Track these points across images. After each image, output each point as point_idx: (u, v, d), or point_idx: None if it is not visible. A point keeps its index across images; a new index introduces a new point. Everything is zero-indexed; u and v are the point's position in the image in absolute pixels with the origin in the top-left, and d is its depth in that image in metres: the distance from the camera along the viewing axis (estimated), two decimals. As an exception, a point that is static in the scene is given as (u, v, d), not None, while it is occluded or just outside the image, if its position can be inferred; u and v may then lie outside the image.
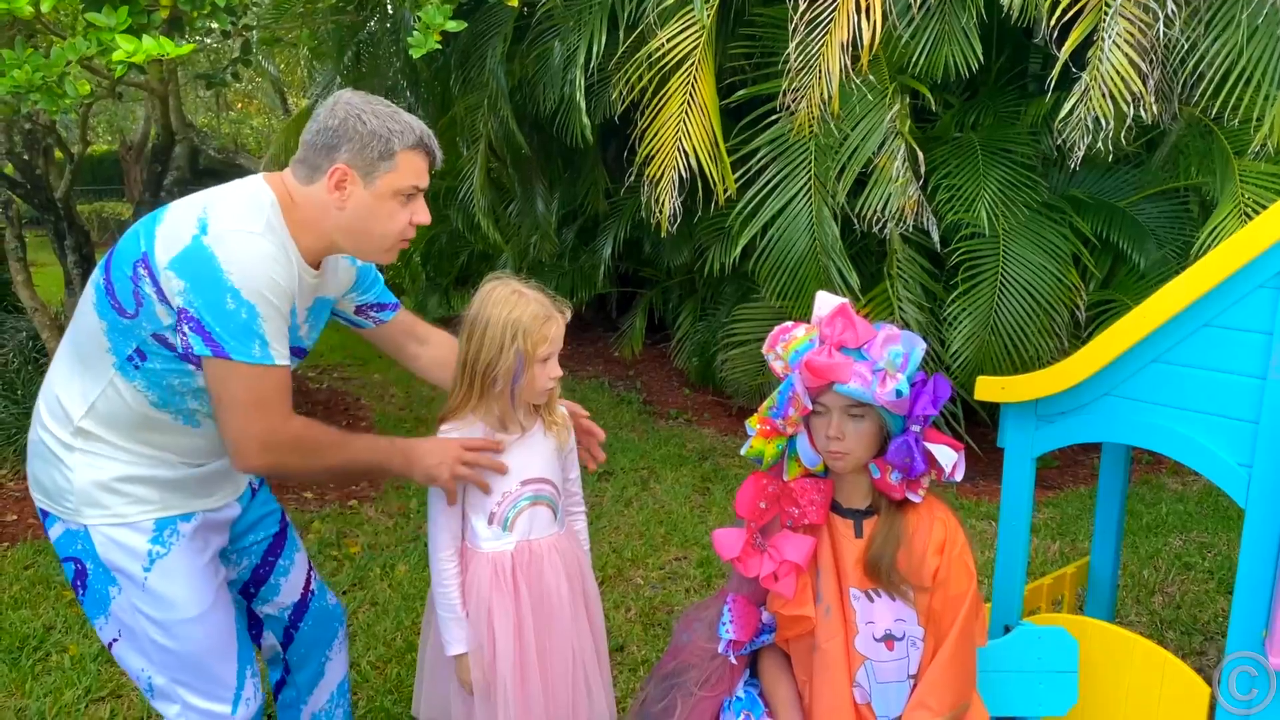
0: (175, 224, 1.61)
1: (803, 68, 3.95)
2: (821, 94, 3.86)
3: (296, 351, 1.80)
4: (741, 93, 4.77)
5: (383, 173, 1.68)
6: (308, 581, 2.10)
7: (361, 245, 1.75)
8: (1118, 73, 3.68)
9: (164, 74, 4.43)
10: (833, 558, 1.85)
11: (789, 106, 4.10)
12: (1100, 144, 3.77)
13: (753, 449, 1.83)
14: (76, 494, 1.69)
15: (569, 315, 1.96)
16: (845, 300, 1.85)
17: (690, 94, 4.15)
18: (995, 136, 4.78)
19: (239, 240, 1.58)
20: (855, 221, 4.40)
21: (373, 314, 2.08)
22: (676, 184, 4.15)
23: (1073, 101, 3.76)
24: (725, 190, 4.35)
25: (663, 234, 4.29)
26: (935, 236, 4.32)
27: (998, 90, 5.10)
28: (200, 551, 1.79)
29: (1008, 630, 2.21)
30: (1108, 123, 3.73)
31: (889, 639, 1.80)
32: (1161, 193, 4.99)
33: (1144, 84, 3.71)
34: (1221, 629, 3.40)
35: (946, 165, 4.67)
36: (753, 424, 1.84)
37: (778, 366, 1.82)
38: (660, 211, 4.20)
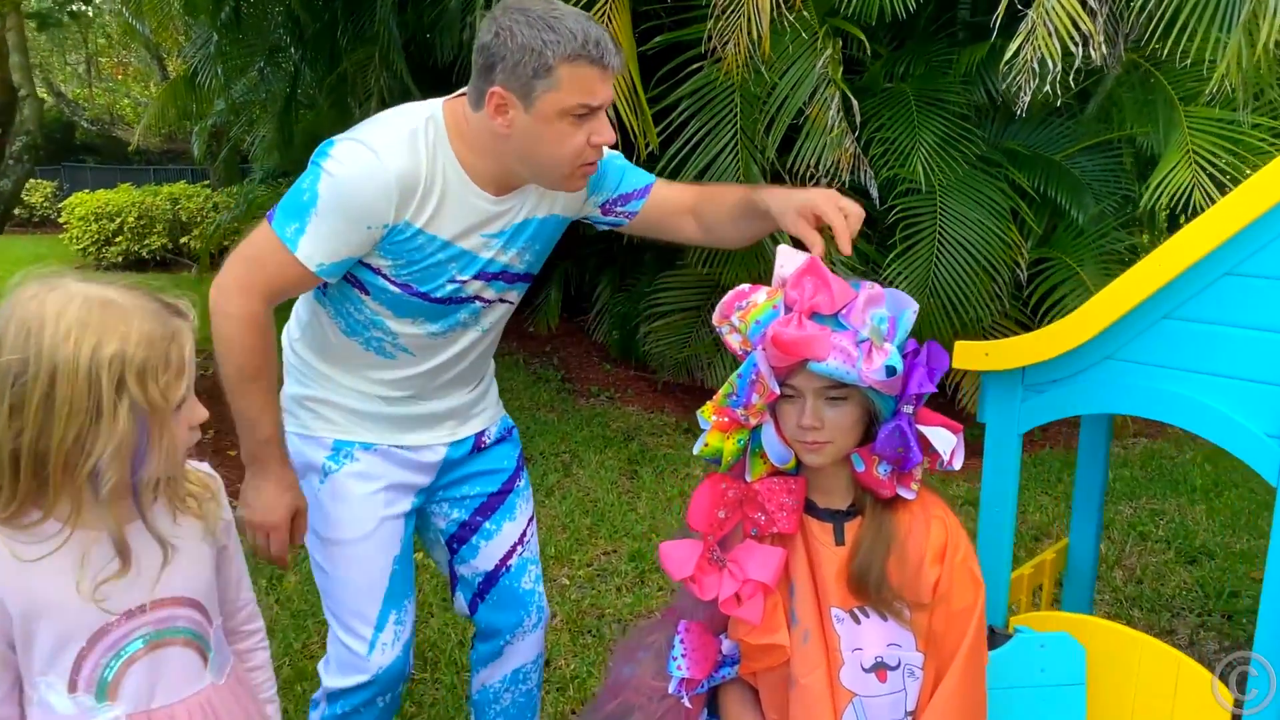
0: None
1: (730, 6, 3.57)
2: (751, 35, 3.49)
3: (504, 275, 1.68)
4: (660, 39, 4.37)
5: (541, 91, 1.47)
6: (509, 554, 1.92)
7: (538, 173, 1.58)
8: (1064, 9, 3.41)
9: (-6, 18, 3.81)
10: (809, 571, 1.49)
11: (714, 51, 3.72)
12: (1048, 89, 3.50)
13: (708, 447, 1.44)
14: (284, 400, 1.76)
15: (194, 316, 1.23)
16: (813, 254, 1.49)
17: (605, 37, 3.73)
18: (928, 87, 4.51)
19: (351, 149, 1.52)
20: (786, 178, 4.06)
21: (619, 209, 1.78)
22: (593, 138, 3.75)
23: (1018, 42, 3.48)
24: (647, 144, 3.96)
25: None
26: (873, 191, 4.02)
27: (927, 38, 4.82)
28: (373, 479, 1.74)
29: (994, 635, 1.90)
30: (1055, 65, 3.46)
31: (880, 668, 1.46)
32: (1095, 145, 4.80)
33: (1092, 21, 3.44)
34: (1187, 603, 3.21)
35: (879, 118, 4.38)
36: (706, 415, 1.45)
37: (734, 341, 1.43)
38: (575, 169, 3.79)
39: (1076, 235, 4.59)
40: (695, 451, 1.47)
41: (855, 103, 3.88)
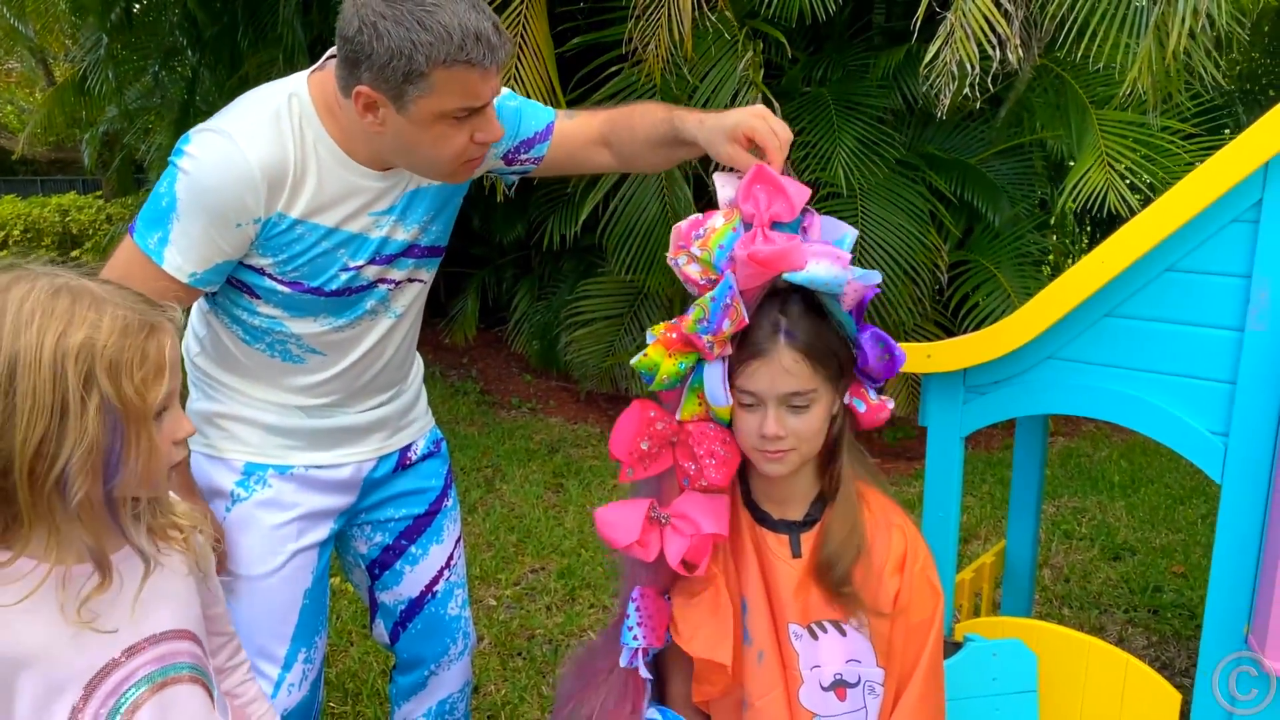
0: None
1: (651, 6, 3.50)
2: (673, 35, 3.42)
3: (410, 252, 1.52)
4: (577, 40, 4.28)
5: (414, 97, 1.31)
6: (435, 580, 1.78)
7: (418, 168, 1.45)
8: (981, 12, 3.43)
9: None
10: (763, 586, 1.40)
11: (634, 53, 3.64)
12: (968, 90, 3.52)
13: (646, 359, 1.30)
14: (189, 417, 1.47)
15: (179, 315, 1.11)
16: (757, 161, 1.36)
17: (521, 36, 3.62)
18: (846, 91, 4.51)
19: (207, 141, 1.36)
20: (709, 180, 4.00)
21: (523, 157, 1.63)
22: (511, 141, 3.63)
23: (938, 45, 3.49)
24: (566, 149, 3.86)
25: (498, 199, 3.75)
26: (798, 195, 3.99)
27: (844, 43, 4.84)
28: (285, 508, 1.58)
29: (952, 646, 1.85)
30: (973, 68, 3.47)
31: (840, 686, 1.38)
32: (1008, 149, 4.88)
33: (1008, 25, 3.47)
34: (1113, 600, 3.24)
35: (798, 121, 4.36)
36: (655, 331, 1.32)
37: (693, 272, 1.29)
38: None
39: (993, 238, 4.65)
40: (633, 363, 1.34)
41: (777, 105, 3.84)
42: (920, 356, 1.87)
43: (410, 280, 1.55)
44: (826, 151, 4.24)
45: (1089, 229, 6.08)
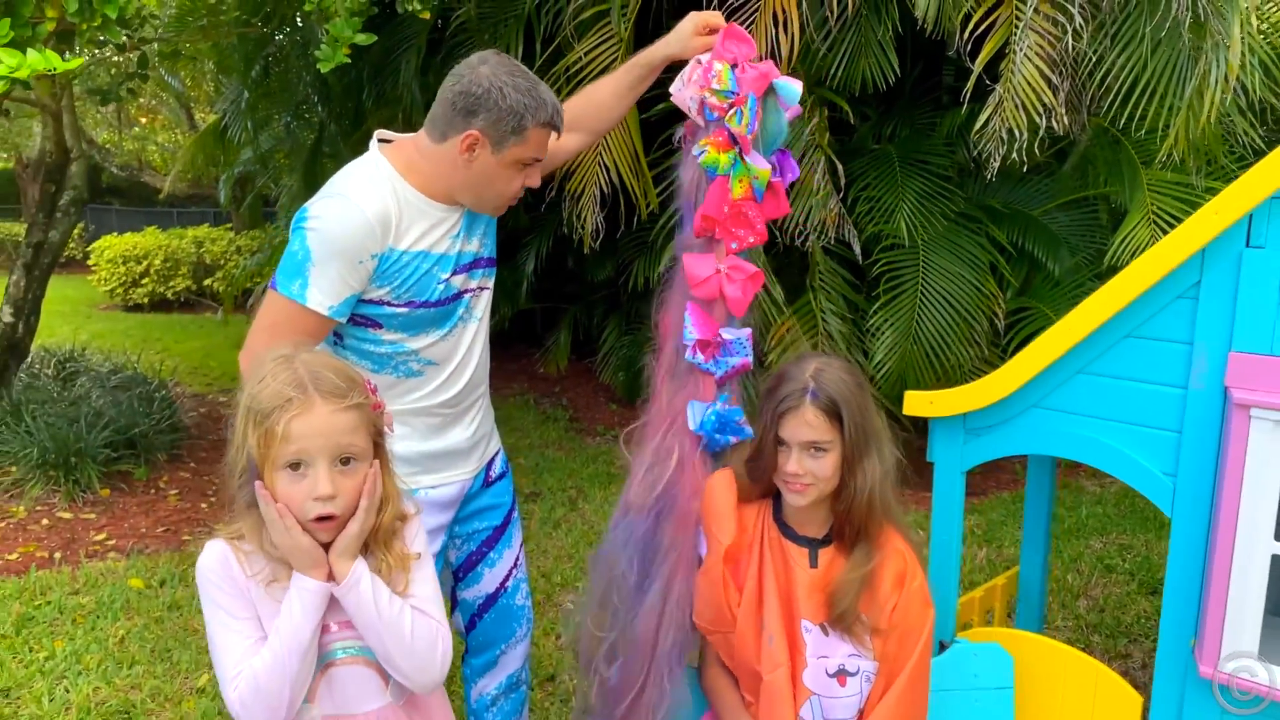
0: None
1: (722, 81, 3.92)
2: (741, 107, 3.83)
3: (478, 264, 1.97)
4: (661, 106, 4.73)
5: (511, 144, 1.81)
6: (507, 577, 2.18)
7: (477, 200, 1.89)
8: (1029, 84, 3.74)
9: (55, 89, 4.20)
10: (781, 585, 1.79)
11: (709, 120, 4.07)
12: (1015, 154, 3.82)
13: (708, 156, 1.85)
14: None
15: (356, 400, 1.40)
16: (713, 13, 1.99)
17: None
18: (912, 148, 4.84)
19: (326, 205, 1.75)
20: (777, 234, 4.39)
21: None
22: (598, 199, 4.09)
23: (987, 114, 3.81)
24: (648, 205, 4.30)
25: (585, 250, 4.22)
26: (856, 249, 4.34)
27: (913, 102, 5.17)
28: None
29: (944, 647, 2.18)
30: (1021, 133, 3.78)
31: (842, 674, 1.76)
32: (1072, 201, 5.10)
33: (1055, 95, 3.77)
34: (1144, 630, 3.46)
35: (865, 177, 4.70)
36: (704, 144, 1.87)
37: (714, 101, 1.83)
38: (583, 227, 4.13)
39: (1053, 286, 4.88)
40: (699, 159, 1.87)
41: (840, 166, 4.21)
42: (924, 402, 2.23)
43: (481, 288, 1.98)
44: (890, 205, 4.57)
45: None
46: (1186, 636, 1.98)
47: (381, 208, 1.78)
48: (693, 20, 1.99)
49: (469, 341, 1.98)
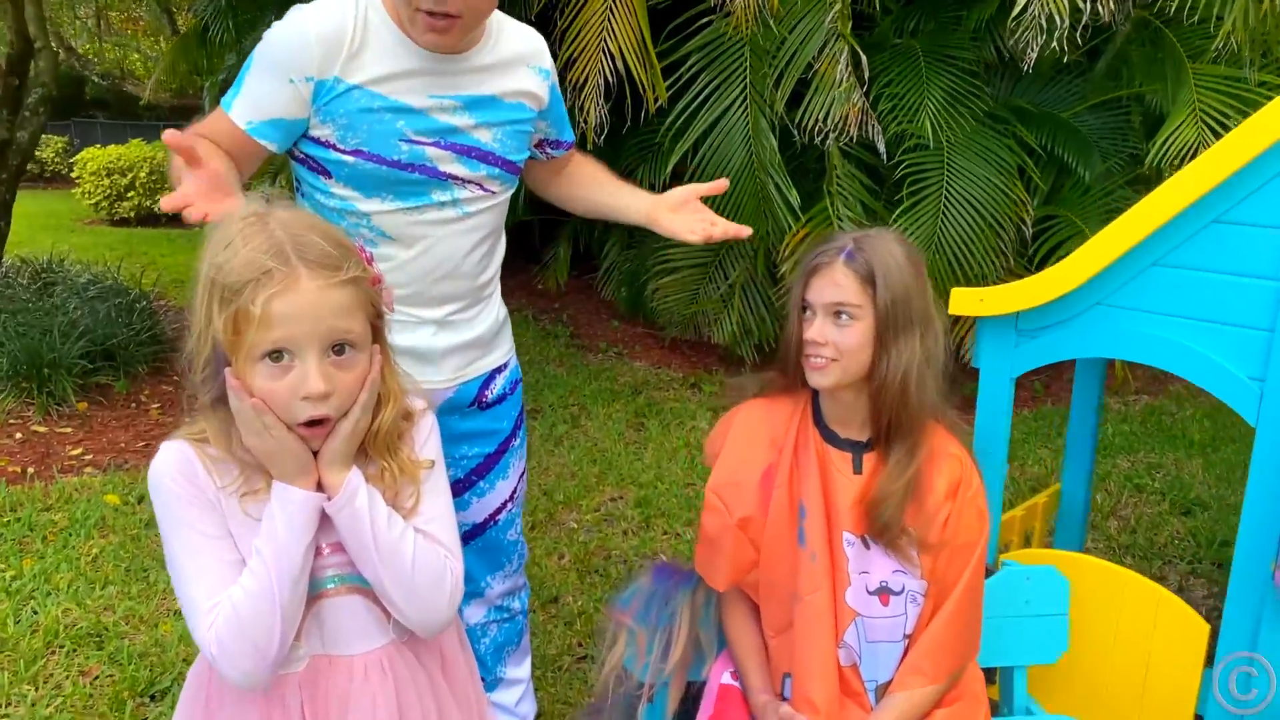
0: None
1: (739, -41, 3.59)
2: (760, -12, 3.51)
3: (477, 153, 1.68)
4: (669, -8, 4.39)
5: None
6: (498, 511, 1.96)
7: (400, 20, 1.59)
8: (1074, -35, 3.42)
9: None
10: (823, 496, 1.57)
11: (724, 4, 3.74)
12: (1055, 45, 3.52)
13: None
14: None
15: (351, 272, 1.13)
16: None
17: (614, -10, 3.76)
18: (937, 43, 4.51)
19: (290, 12, 1.56)
20: (795, 133, 4.10)
21: (549, 150, 1.91)
22: (603, 89, 3.78)
23: (1026, -2, 3.49)
24: (656, 99, 4.00)
25: (589, 146, 3.92)
26: (881, 146, 4.05)
27: (938, -6, 4.81)
28: None
29: (989, 571, 1.98)
30: (1062, 20, 3.47)
31: (884, 592, 1.54)
32: (1103, 103, 4.80)
33: (1102, -23, 3.45)
34: (1178, 552, 3.29)
35: (888, 73, 4.39)
36: None
37: None
38: (586, 121, 3.83)
39: (1083, 193, 4.61)
40: None
41: (864, 58, 3.90)
42: (973, 300, 1.99)
43: (481, 187, 1.69)
44: (914, 103, 4.27)
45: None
46: (1266, 557, 1.78)
47: (332, 27, 1.53)
48: (682, 193, 1.80)
49: (448, 233, 1.70)
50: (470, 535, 1.97)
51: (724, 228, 1.74)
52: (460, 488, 1.92)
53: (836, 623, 1.52)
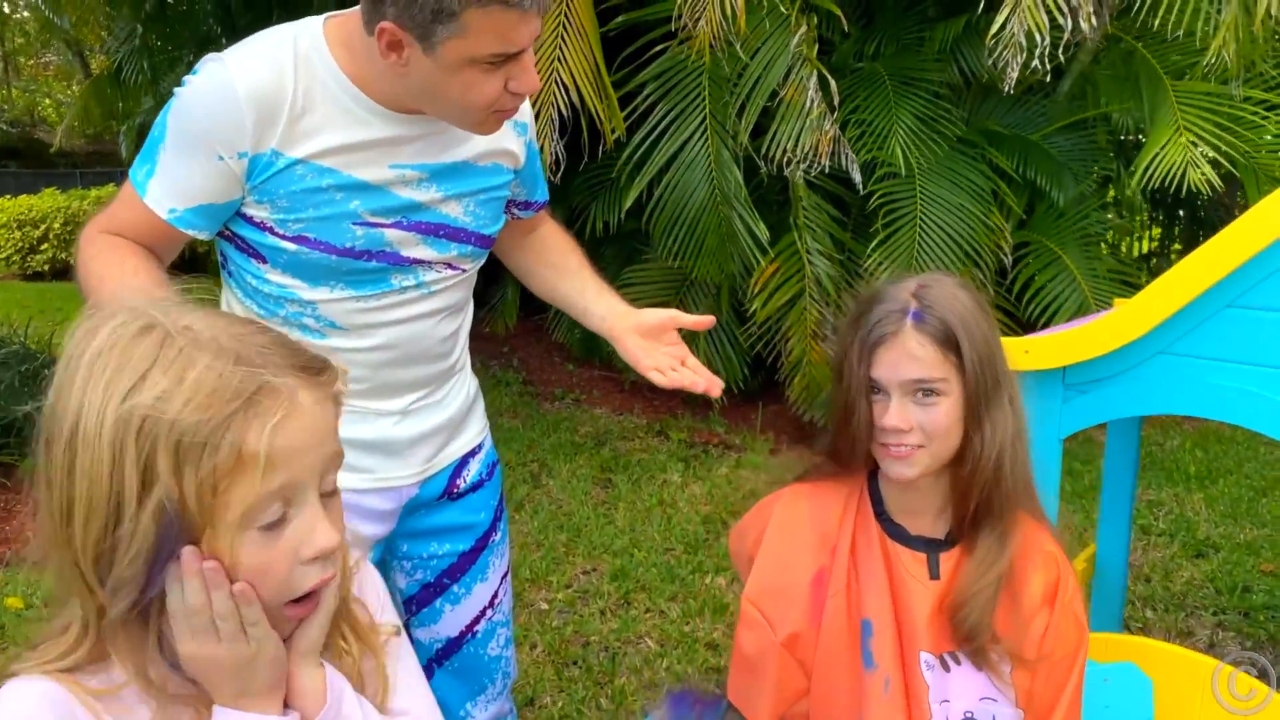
0: None
1: (700, -19, 3.34)
2: (723, 9, 3.25)
3: (447, 231, 1.36)
4: (621, 19, 4.12)
5: (444, 38, 1.16)
6: (476, 620, 1.63)
7: (444, 115, 1.28)
8: (1052, -21, 3.23)
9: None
10: (893, 606, 1.27)
11: (684, 28, 3.48)
12: (1036, 62, 3.32)
13: None
14: None
15: (333, 373, 0.82)
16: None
17: (565, 16, 3.47)
18: (902, 65, 4.32)
19: (205, 69, 1.24)
20: (760, 163, 3.85)
21: (515, 210, 1.56)
22: (557, 124, 3.48)
23: (1006, 14, 3.29)
24: (614, 131, 3.71)
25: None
26: (856, 175, 3.81)
27: (898, 15, 4.63)
28: None
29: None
30: (1043, 38, 3.28)
31: None
32: (1070, 125, 4.66)
33: (1081, -9, 3.27)
34: (1199, 601, 3.05)
35: (853, 99, 4.18)
36: None
37: None
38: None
39: (1057, 217, 4.45)
40: None
41: (833, 82, 3.67)
42: (1018, 352, 1.72)
43: (450, 267, 1.38)
44: (883, 129, 4.05)
45: (1157, 209, 5.84)
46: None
47: (267, 87, 1.20)
48: (659, 318, 1.49)
49: (411, 319, 1.38)
50: (445, 653, 1.63)
51: (694, 380, 1.43)
52: (430, 594, 1.59)
53: None
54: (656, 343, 1.48)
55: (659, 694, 1.50)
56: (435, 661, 1.63)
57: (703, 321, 1.48)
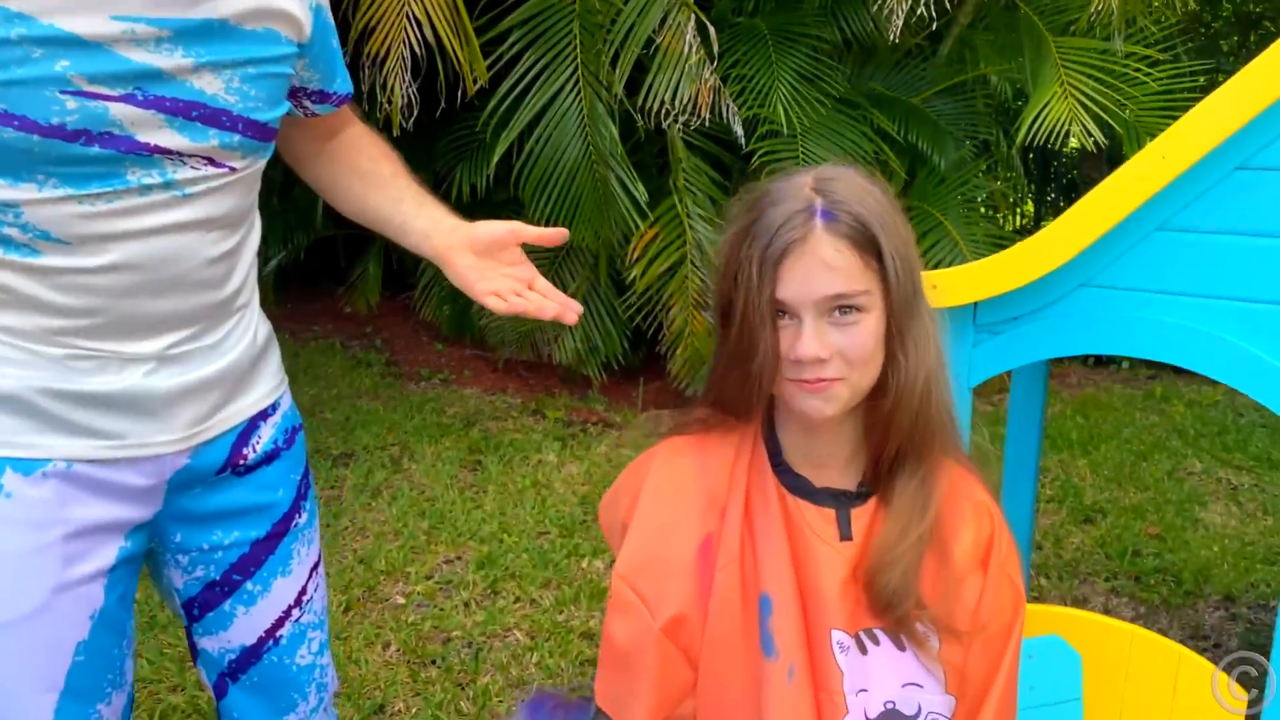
0: None
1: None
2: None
3: (206, 114, 1.03)
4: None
5: None
6: (278, 624, 1.31)
7: None
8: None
9: None
10: (796, 577, 1.02)
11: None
12: (914, 21, 3.16)
13: None
14: None
15: None
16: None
17: (421, -51, 3.13)
18: (782, 21, 4.13)
19: None
20: (637, 116, 3.59)
21: (308, 102, 1.23)
22: (409, 63, 3.13)
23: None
24: (475, 80, 3.39)
25: (394, 132, 3.26)
26: (738, 129, 3.59)
27: (776, -29, 4.44)
28: (36, 528, 1.06)
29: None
30: (929, -13, 3.12)
31: (892, 717, 1.00)
32: (950, 88, 4.57)
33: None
34: (1092, 568, 2.96)
35: (733, 53, 3.97)
36: None
37: None
38: (390, 102, 3.16)
39: (939, 182, 4.34)
40: None
41: (713, 30, 3.44)
42: (924, 289, 1.51)
43: (211, 163, 1.05)
44: (764, 85, 3.86)
45: (1031, 181, 5.86)
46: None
47: None
48: (497, 230, 1.20)
49: (161, 231, 1.05)
50: (238, 667, 1.30)
51: (542, 304, 1.17)
52: (216, 594, 1.26)
53: None
54: (494, 262, 1.19)
55: (526, 695, 1.22)
56: (229, 677, 1.30)
57: (552, 235, 1.20)
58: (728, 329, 0.99)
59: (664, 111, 3.44)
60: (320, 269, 6.59)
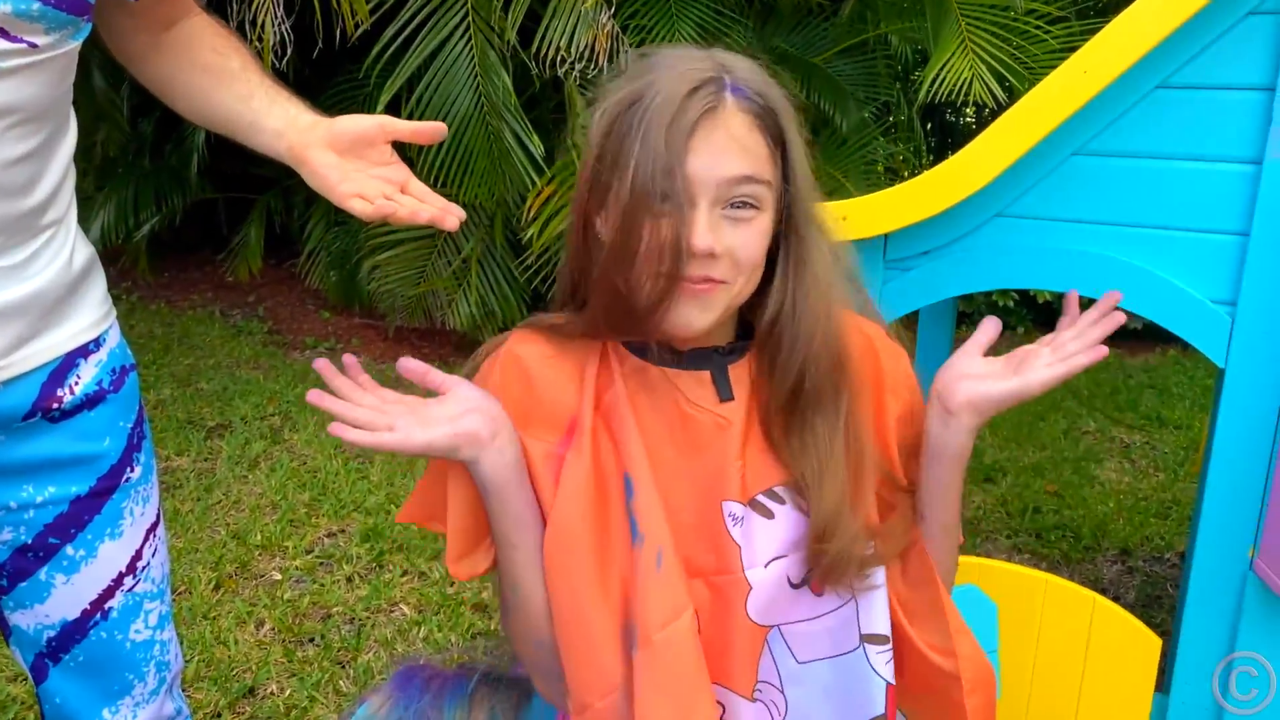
0: None
1: None
2: None
3: None
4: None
5: None
6: (107, 594, 1.13)
7: None
8: None
9: None
10: (670, 449, 0.90)
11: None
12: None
13: None
14: None
15: None
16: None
17: None
18: (683, -27, 3.99)
19: None
20: (532, 64, 3.41)
21: None
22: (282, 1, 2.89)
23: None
24: (357, 23, 3.16)
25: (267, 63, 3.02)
26: (636, 81, 3.45)
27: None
28: None
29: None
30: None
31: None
32: (851, 48, 4.52)
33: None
34: (993, 526, 2.95)
35: (632, 3, 3.81)
36: None
37: None
38: (261, 39, 2.91)
39: (839, 145, 4.29)
40: None
41: (610, -24, 3.29)
42: (834, 219, 1.40)
43: (6, 35, 0.87)
44: (664, 37, 3.72)
45: (934, 140, 5.89)
46: (1238, 544, 1.32)
47: None
48: (363, 124, 1.03)
49: None
50: (59, 645, 1.12)
51: (416, 208, 1.01)
52: (29, 561, 1.08)
53: (734, 655, 0.87)
54: (360, 161, 1.03)
55: (397, 665, 1.07)
56: (48, 658, 1.11)
57: (428, 129, 1.04)
58: (591, 229, 0.86)
59: (560, 59, 3.28)
60: (200, 235, 6.20)
